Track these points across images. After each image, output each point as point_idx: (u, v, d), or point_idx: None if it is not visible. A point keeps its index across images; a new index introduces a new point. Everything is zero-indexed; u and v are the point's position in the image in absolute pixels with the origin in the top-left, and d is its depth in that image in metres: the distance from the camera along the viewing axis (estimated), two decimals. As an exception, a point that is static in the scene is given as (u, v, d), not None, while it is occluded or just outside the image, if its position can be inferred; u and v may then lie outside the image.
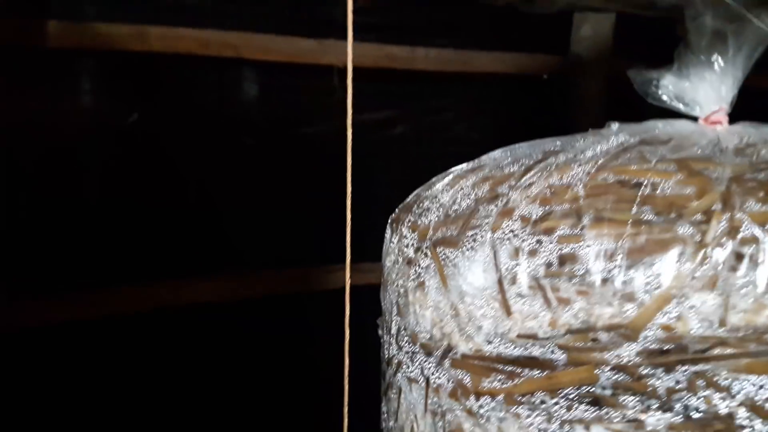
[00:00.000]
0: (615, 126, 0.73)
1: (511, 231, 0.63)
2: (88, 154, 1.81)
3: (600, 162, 0.65)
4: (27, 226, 1.70)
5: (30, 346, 1.69)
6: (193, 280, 1.87)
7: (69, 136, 1.79)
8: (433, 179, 0.79)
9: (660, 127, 0.74)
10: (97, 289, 1.76)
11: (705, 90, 0.74)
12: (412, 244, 0.74)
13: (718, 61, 0.72)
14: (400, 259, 0.75)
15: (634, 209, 0.58)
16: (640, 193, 0.60)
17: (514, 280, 0.62)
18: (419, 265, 0.73)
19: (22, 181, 1.72)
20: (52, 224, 1.74)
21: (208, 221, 1.92)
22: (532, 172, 0.68)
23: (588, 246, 0.59)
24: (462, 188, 0.72)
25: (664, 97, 0.75)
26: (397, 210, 0.82)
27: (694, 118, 0.77)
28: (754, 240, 0.55)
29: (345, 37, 2.04)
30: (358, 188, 0.80)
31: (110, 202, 1.81)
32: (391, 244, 0.78)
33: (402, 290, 0.76)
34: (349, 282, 0.79)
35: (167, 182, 1.88)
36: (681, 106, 0.76)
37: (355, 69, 0.91)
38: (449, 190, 0.74)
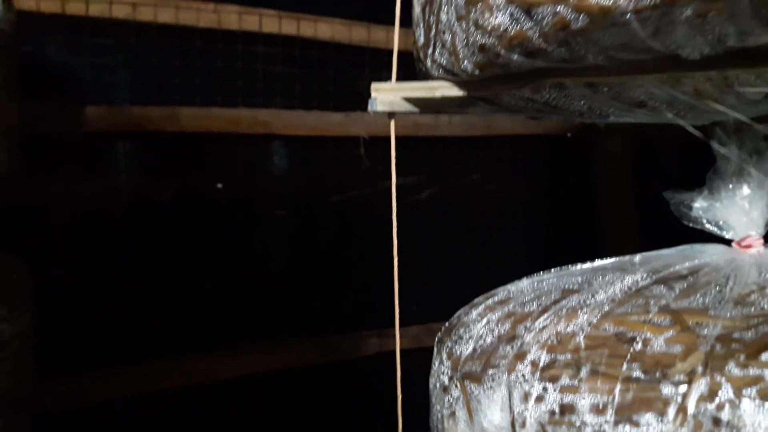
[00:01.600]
0: (637, 258, 0.70)
1: (523, 375, 0.63)
2: (124, 231, 1.81)
3: (605, 309, 0.63)
4: (64, 303, 1.70)
5: (69, 425, 1.67)
6: (231, 354, 1.84)
7: (105, 215, 1.79)
8: (475, 301, 0.77)
9: (689, 254, 0.70)
10: (133, 366, 1.74)
11: (737, 214, 0.70)
12: (447, 372, 0.72)
13: (746, 187, 0.69)
14: (438, 385, 0.73)
15: (625, 366, 0.58)
16: (632, 349, 0.58)
17: (524, 424, 0.61)
18: (452, 395, 0.70)
19: (60, 258, 1.73)
20: (90, 300, 1.73)
21: (242, 294, 1.90)
22: (546, 315, 0.66)
23: (584, 399, 0.58)
24: (489, 322, 0.70)
25: (698, 219, 0.72)
26: (442, 329, 0.79)
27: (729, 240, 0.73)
28: (731, 404, 0.52)
29: (371, 109, 2.02)
30: (386, 254, 0.77)
31: (147, 277, 1.80)
32: (434, 365, 0.76)
33: (439, 415, 0.74)
34: (399, 346, 0.77)
35: (202, 257, 1.86)
36: (715, 229, 0.72)
37: (380, 138, 0.89)
38: (480, 320, 0.71)
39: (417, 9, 0.61)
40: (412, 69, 0.71)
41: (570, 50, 0.51)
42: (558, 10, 0.48)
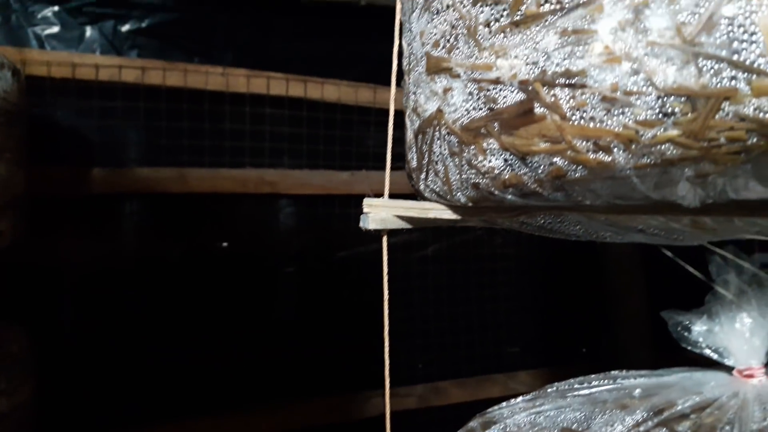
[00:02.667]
0: (637, 392, 0.65)
1: None
2: (130, 292, 1.78)
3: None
4: (68, 369, 1.66)
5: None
6: (233, 415, 1.80)
7: (112, 277, 1.76)
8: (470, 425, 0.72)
9: (690, 386, 0.65)
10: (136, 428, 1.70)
11: (737, 341, 0.65)
12: None
13: (746, 315, 0.64)
14: None
15: None
16: None
17: None
18: None
19: (65, 322, 1.70)
20: (95, 364, 1.69)
21: (246, 353, 1.86)
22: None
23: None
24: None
25: (697, 344, 0.67)
26: None
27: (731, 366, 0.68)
28: None
29: (376, 167, 1.99)
30: (393, 308, 0.73)
31: (151, 340, 1.76)
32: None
33: None
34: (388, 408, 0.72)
35: (208, 317, 1.83)
36: (715, 355, 0.67)
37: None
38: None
39: (410, 134, 0.58)
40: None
41: (566, 194, 0.47)
42: (554, 161, 0.44)
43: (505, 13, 0.45)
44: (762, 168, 0.40)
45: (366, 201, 0.63)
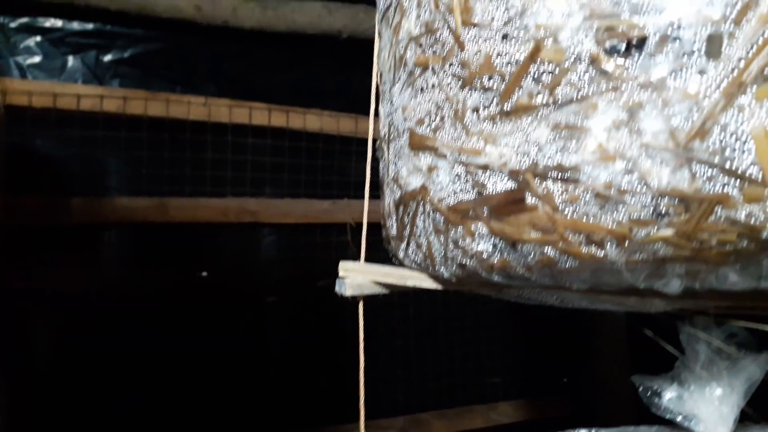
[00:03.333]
0: None
1: None
2: (106, 322, 1.74)
3: None
4: (43, 402, 1.62)
5: None
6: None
7: (89, 306, 1.72)
8: None
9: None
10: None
11: (707, 408, 0.64)
12: None
13: (716, 383, 0.63)
14: None
15: None
16: None
17: None
18: None
19: (40, 353, 1.65)
20: (69, 394, 1.65)
21: (224, 385, 1.82)
22: None
23: None
24: None
25: (668, 410, 0.66)
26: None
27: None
28: None
29: (357, 196, 1.98)
30: (372, 340, 0.71)
31: (129, 371, 1.72)
32: None
33: None
34: None
35: (187, 347, 1.79)
36: (684, 422, 0.66)
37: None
38: None
39: (389, 202, 0.56)
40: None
41: (554, 279, 0.46)
42: (545, 250, 0.43)
43: (494, 101, 0.44)
44: (750, 267, 0.40)
45: (342, 265, 0.61)
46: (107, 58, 1.72)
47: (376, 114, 0.63)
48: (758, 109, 0.36)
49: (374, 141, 0.62)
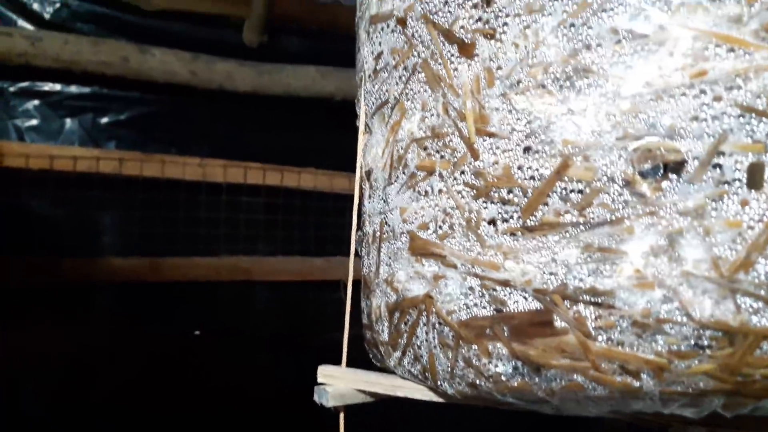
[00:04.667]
0: None
1: None
2: (99, 383, 1.67)
3: None
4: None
5: None
6: None
7: (83, 367, 1.65)
8: None
9: None
10: None
11: None
12: None
13: None
14: None
15: None
16: None
17: None
18: None
19: (33, 411, 1.58)
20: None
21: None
22: None
23: None
24: None
25: None
26: None
27: None
28: None
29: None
30: None
31: (121, 428, 1.64)
32: None
33: None
34: None
35: (182, 406, 1.72)
36: None
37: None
38: None
39: (380, 304, 0.51)
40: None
41: (578, 406, 0.41)
42: (573, 377, 0.38)
43: (515, 215, 0.40)
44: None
45: (321, 371, 0.55)
46: (104, 120, 1.68)
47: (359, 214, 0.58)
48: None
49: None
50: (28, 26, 1.60)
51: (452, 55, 0.43)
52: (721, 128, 0.35)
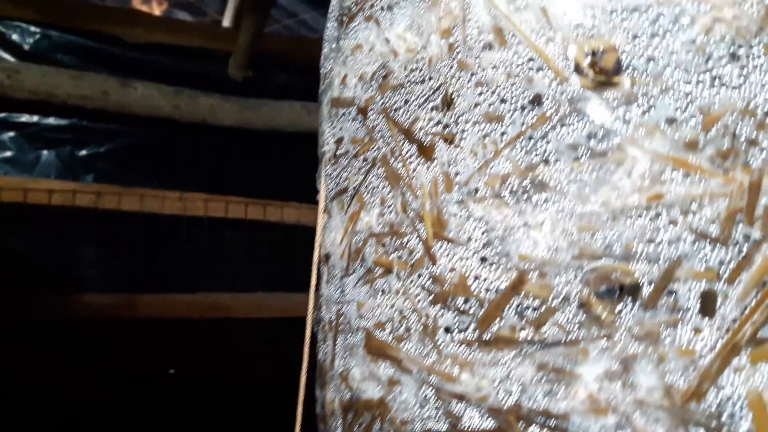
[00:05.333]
0: None
1: None
2: (75, 417, 1.64)
3: None
4: None
5: None
6: None
7: (58, 403, 1.63)
8: None
9: None
10: None
11: None
12: None
13: None
14: None
15: None
16: None
17: None
18: None
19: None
20: None
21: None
22: None
23: None
24: None
25: None
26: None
27: None
28: None
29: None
30: None
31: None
32: None
33: None
34: None
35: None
36: None
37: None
38: None
39: (332, 396, 0.50)
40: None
41: None
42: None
43: (471, 326, 0.40)
44: None
45: None
46: (82, 152, 1.68)
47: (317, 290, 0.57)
48: (754, 373, 0.32)
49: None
50: (8, 57, 1.60)
51: (412, 155, 0.43)
52: (676, 253, 0.35)
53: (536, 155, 0.38)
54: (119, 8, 1.85)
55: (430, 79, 0.41)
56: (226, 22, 1.78)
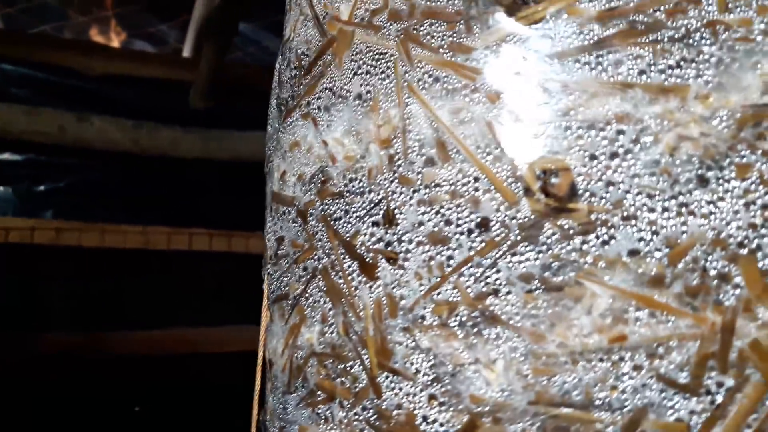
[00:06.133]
0: None
1: None
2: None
3: None
4: None
5: None
6: None
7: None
8: None
9: None
10: None
11: None
12: None
13: None
14: None
15: None
16: None
17: None
18: None
19: None
20: None
21: None
22: None
23: None
24: None
25: None
26: None
27: None
28: None
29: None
30: None
31: None
32: None
33: None
34: None
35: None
36: None
37: None
38: None
39: None
40: None
41: None
42: None
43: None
44: None
45: None
46: (40, 188, 1.61)
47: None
48: None
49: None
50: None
51: (354, 271, 0.38)
52: (642, 402, 0.31)
53: (486, 284, 0.33)
54: (76, 40, 1.79)
55: (370, 191, 0.37)
56: (187, 51, 1.72)
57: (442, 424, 0.34)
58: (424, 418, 0.35)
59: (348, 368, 0.39)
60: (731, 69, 0.33)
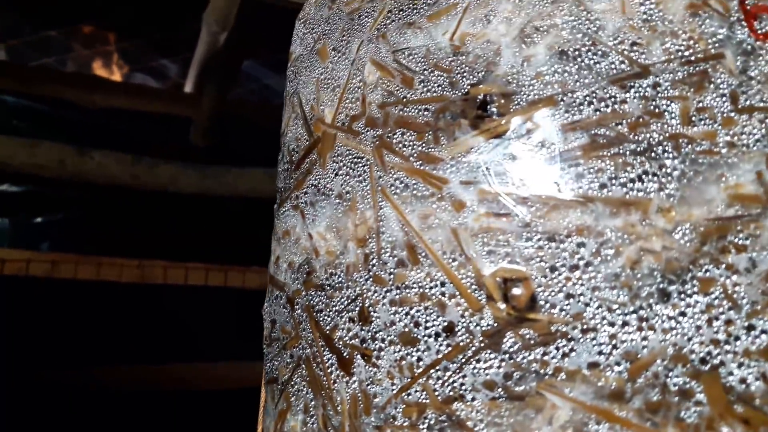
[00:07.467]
0: None
1: None
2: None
3: None
4: None
5: None
6: None
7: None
8: None
9: None
10: None
11: None
12: None
13: None
14: None
15: None
16: None
17: None
18: None
19: None
20: None
21: None
22: None
23: None
24: None
25: None
26: None
27: None
28: None
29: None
30: None
31: None
32: None
33: None
34: None
35: None
36: None
37: None
38: None
39: None
40: None
41: None
42: None
43: None
44: None
45: None
46: (37, 220, 1.63)
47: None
48: None
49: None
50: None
51: (332, 365, 0.40)
52: None
53: (452, 389, 0.35)
54: (78, 73, 1.82)
55: (347, 287, 0.38)
56: (188, 87, 1.75)
57: None
58: None
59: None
60: (694, 182, 0.34)
